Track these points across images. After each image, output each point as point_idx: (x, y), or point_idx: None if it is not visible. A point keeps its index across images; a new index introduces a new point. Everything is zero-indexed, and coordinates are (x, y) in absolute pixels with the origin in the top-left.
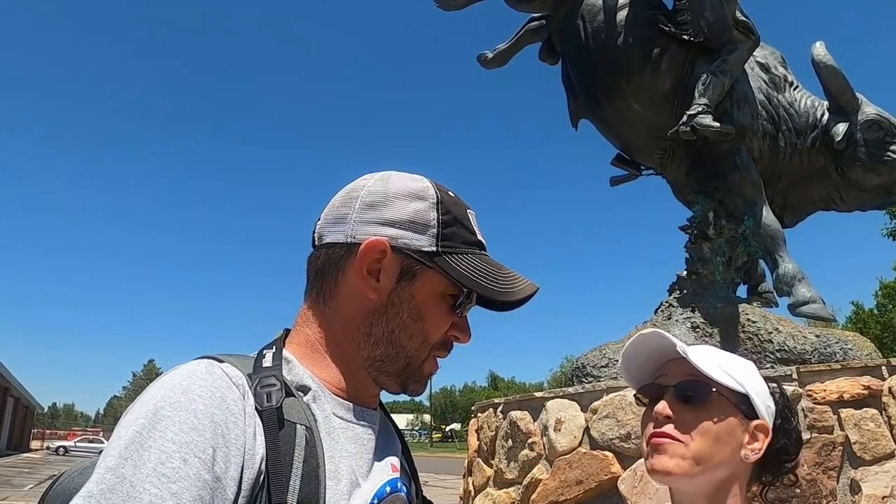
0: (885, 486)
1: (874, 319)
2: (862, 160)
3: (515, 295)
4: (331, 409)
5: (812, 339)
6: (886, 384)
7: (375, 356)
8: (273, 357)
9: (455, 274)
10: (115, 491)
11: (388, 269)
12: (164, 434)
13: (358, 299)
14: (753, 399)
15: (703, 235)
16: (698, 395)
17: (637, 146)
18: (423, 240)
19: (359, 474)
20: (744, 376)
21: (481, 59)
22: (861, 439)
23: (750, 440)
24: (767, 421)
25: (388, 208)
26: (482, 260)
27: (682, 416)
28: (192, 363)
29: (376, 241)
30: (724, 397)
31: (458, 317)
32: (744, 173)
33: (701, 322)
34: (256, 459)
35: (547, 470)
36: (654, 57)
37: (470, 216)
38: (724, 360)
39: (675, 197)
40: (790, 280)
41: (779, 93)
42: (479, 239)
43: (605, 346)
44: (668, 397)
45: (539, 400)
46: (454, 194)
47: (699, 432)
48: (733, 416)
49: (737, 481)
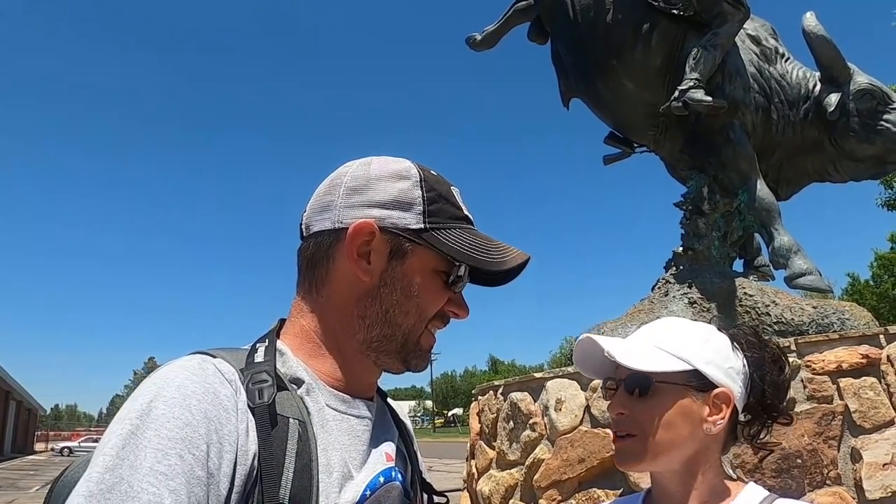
0: (886, 454)
1: (870, 290)
2: (855, 130)
3: (507, 264)
4: (325, 401)
5: (809, 311)
6: (885, 352)
7: (372, 338)
8: (265, 351)
9: (445, 248)
10: (114, 491)
11: (378, 250)
12: (160, 431)
13: (350, 284)
14: (704, 371)
15: (698, 211)
16: (642, 389)
17: (630, 124)
18: (409, 218)
19: (352, 466)
20: (691, 350)
21: (470, 41)
22: (860, 408)
23: (711, 412)
24: (729, 384)
25: (373, 190)
26: (470, 233)
27: (633, 409)
28: (185, 359)
29: (363, 224)
30: (668, 383)
31: (453, 292)
32: (737, 147)
33: (698, 297)
34: (249, 455)
35: (549, 450)
36: (644, 33)
37: (454, 192)
38: (667, 338)
39: (670, 174)
40: (786, 253)
41: (770, 65)
42: (465, 213)
43: (602, 324)
44: (620, 393)
45: (539, 381)
46: (436, 173)
47: (650, 423)
48: (684, 398)
49: (707, 452)
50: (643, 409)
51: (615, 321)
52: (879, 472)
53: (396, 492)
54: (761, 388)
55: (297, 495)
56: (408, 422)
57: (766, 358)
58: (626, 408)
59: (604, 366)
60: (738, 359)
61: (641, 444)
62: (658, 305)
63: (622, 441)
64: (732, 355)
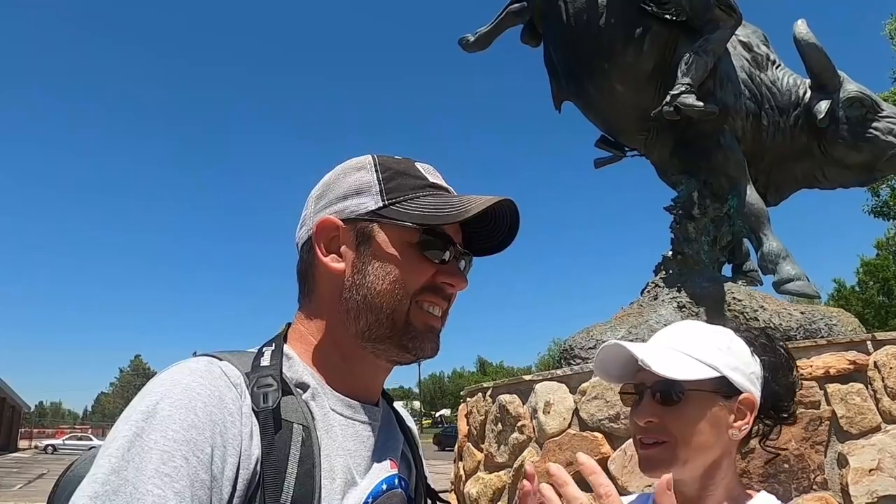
0: (872, 459)
1: (856, 296)
2: (844, 137)
3: (470, 211)
4: (330, 406)
5: (797, 316)
6: (872, 358)
7: (361, 328)
8: (272, 355)
9: (405, 217)
10: (119, 493)
11: (345, 241)
12: (166, 433)
13: (330, 281)
14: (731, 377)
15: (687, 216)
16: (672, 396)
17: (621, 127)
18: (367, 200)
19: (356, 472)
20: (717, 356)
21: (463, 42)
22: (847, 413)
23: (735, 418)
24: (752, 389)
25: (331, 190)
26: (436, 197)
27: (662, 416)
28: (192, 361)
29: (322, 220)
30: (698, 390)
31: (437, 262)
32: (728, 153)
33: (687, 301)
34: (252, 460)
35: (537, 452)
36: (636, 37)
37: (419, 167)
38: (693, 344)
39: (660, 178)
40: (774, 258)
41: (761, 71)
42: (431, 181)
43: (592, 327)
44: (647, 401)
45: (528, 383)
46: (402, 157)
47: (680, 430)
48: (712, 404)
49: (727, 458)
50: (673, 416)
51: (604, 324)
52: (866, 478)
53: (399, 499)
54: (776, 391)
55: (298, 500)
56: (414, 427)
57: (779, 361)
58: (655, 415)
59: (624, 371)
60: (757, 363)
61: (672, 452)
62: (647, 309)
63: (651, 449)
64: (752, 361)
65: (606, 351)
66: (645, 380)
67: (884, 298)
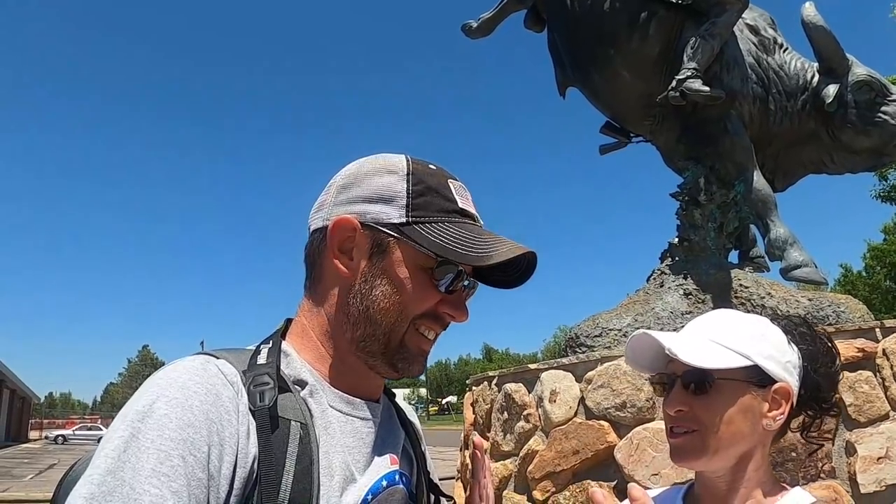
0: (880, 448)
1: (862, 282)
2: (853, 122)
3: (492, 259)
4: (328, 403)
5: (805, 303)
6: (880, 346)
7: (357, 337)
8: (269, 353)
9: (425, 242)
10: (116, 494)
11: (359, 246)
12: (162, 432)
13: (336, 281)
14: (764, 366)
15: (694, 202)
16: (702, 385)
17: (626, 113)
18: (391, 212)
19: (355, 469)
20: (749, 344)
21: (466, 28)
22: (856, 401)
23: (770, 407)
24: (788, 379)
25: (359, 186)
26: (460, 227)
27: (693, 405)
28: (189, 359)
29: (343, 219)
30: (729, 379)
31: (445, 292)
32: (734, 138)
33: (693, 289)
34: (249, 458)
35: (543, 441)
36: (641, 22)
37: (452, 185)
38: (724, 332)
39: (666, 164)
40: (782, 244)
41: (768, 55)
42: (460, 207)
43: (598, 315)
44: (677, 389)
45: (533, 372)
46: (436, 166)
47: (711, 419)
48: (744, 393)
49: (760, 450)
50: (703, 405)
51: (610, 312)
52: (874, 466)
53: (400, 495)
54: (815, 381)
55: (296, 498)
56: (416, 422)
57: (819, 350)
58: (685, 404)
59: (655, 360)
60: (794, 352)
61: (701, 440)
62: (653, 296)
63: (681, 437)
64: (789, 349)
65: (636, 341)
66: (675, 369)
67: (891, 283)
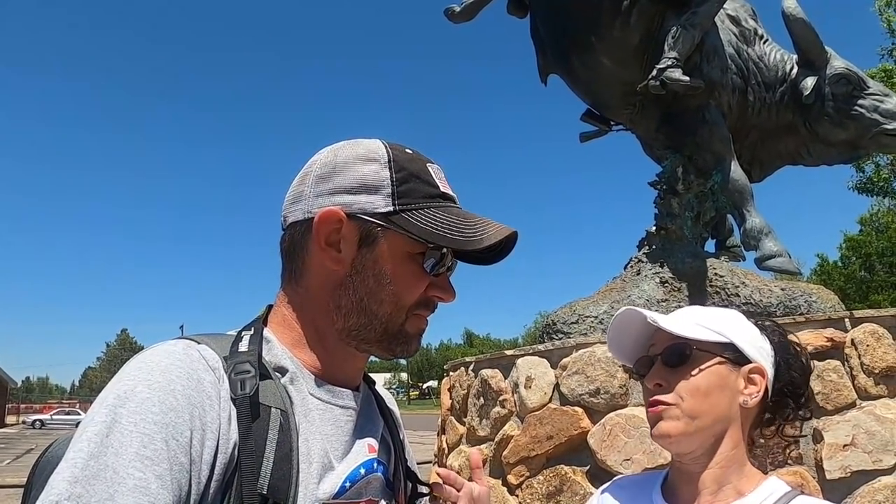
0: (846, 435)
1: (838, 272)
2: (829, 115)
3: (483, 242)
4: (308, 391)
5: (777, 293)
6: (849, 336)
7: (349, 327)
8: (250, 340)
9: (415, 230)
10: (99, 478)
11: (347, 238)
12: (145, 416)
13: (323, 274)
14: (740, 345)
15: (672, 191)
16: (680, 357)
17: (606, 101)
18: (378, 201)
19: (333, 456)
20: (726, 326)
21: (448, 12)
22: (824, 390)
23: (746, 385)
24: (762, 362)
25: (339, 176)
26: (447, 212)
27: (671, 379)
28: (170, 343)
29: (329, 212)
30: (706, 352)
31: (434, 276)
32: (713, 128)
33: (670, 277)
34: (230, 444)
35: (518, 426)
36: (623, 10)
37: (431, 169)
38: (704, 316)
39: (645, 152)
40: (757, 234)
41: (748, 46)
42: (443, 191)
43: (574, 302)
44: (657, 366)
45: (509, 358)
46: (413, 151)
47: (688, 391)
48: (721, 367)
49: (737, 429)
50: (681, 377)
51: (587, 299)
52: (840, 453)
53: (377, 483)
54: (788, 375)
55: (275, 485)
56: (396, 409)
57: (791, 347)
58: (663, 379)
59: (636, 346)
60: (768, 343)
61: (679, 411)
62: (630, 284)
63: (659, 409)
64: (762, 338)
65: (619, 320)
66: (654, 350)
67: (865, 274)
